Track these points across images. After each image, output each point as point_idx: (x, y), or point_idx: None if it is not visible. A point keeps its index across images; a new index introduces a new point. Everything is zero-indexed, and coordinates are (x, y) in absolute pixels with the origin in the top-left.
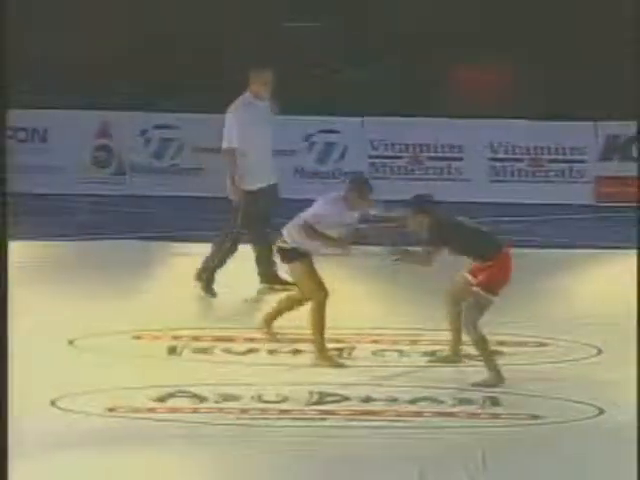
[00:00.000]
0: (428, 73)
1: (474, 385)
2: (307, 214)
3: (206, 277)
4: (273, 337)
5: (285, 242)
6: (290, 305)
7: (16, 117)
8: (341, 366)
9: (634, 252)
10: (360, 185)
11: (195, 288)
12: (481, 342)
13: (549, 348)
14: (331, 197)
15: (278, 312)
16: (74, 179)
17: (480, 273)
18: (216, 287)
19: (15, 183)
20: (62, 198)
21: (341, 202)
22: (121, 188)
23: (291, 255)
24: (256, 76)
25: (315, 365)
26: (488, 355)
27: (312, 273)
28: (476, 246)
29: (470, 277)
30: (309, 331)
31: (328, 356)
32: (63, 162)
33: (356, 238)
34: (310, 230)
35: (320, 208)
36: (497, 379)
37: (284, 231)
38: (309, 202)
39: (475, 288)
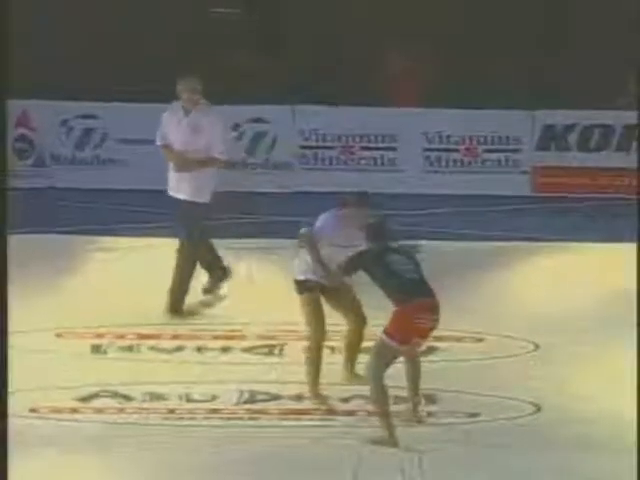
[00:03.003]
0: (361, 61)
1: (372, 442)
2: (307, 233)
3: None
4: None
5: (296, 274)
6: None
7: None
8: (332, 412)
9: (572, 244)
10: (357, 198)
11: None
12: (377, 394)
13: (485, 344)
14: (330, 213)
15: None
16: None
17: (391, 317)
18: (147, 282)
19: None
20: None
21: (338, 218)
22: (42, 180)
23: (300, 288)
24: (182, 85)
25: (244, 363)
26: (383, 413)
27: (315, 311)
28: (389, 285)
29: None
30: (306, 370)
31: (317, 394)
32: None
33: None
34: (310, 245)
35: (317, 226)
36: (391, 441)
37: (295, 262)
38: (236, 194)
39: (380, 333)
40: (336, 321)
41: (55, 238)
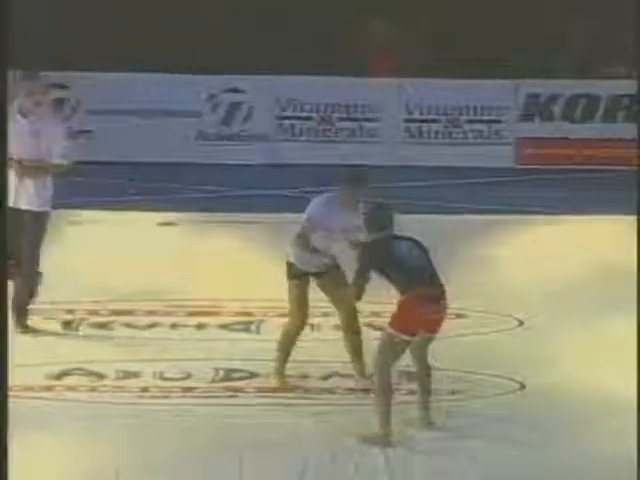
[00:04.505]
0: (341, 30)
1: (365, 440)
2: (303, 220)
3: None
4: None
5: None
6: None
7: None
8: (292, 391)
9: (557, 217)
10: (353, 176)
11: (90, 257)
12: (383, 391)
13: (468, 320)
14: (323, 197)
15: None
16: None
17: (396, 307)
18: (119, 257)
19: None
20: None
21: (333, 201)
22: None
23: (290, 272)
24: (22, 87)
25: (220, 340)
26: (384, 409)
27: (300, 298)
28: (393, 274)
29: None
30: (275, 349)
31: (281, 380)
32: None
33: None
34: (304, 241)
35: (312, 210)
36: (385, 440)
37: (290, 244)
38: (213, 167)
39: (386, 325)
40: (320, 298)
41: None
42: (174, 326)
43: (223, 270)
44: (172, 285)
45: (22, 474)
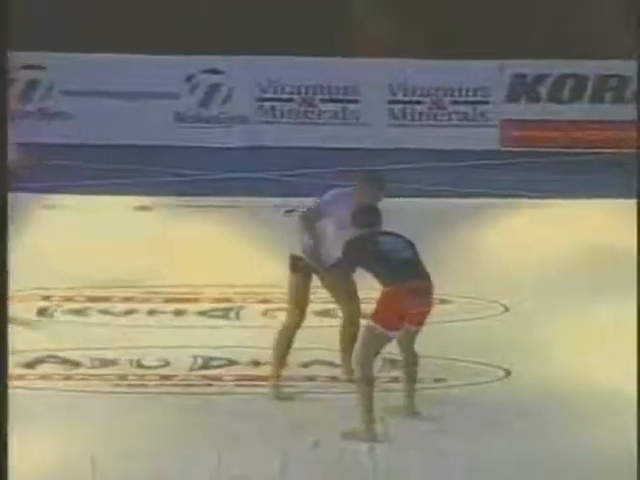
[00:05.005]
0: (323, 10)
1: (344, 435)
2: (313, 204)
3: None
4: None
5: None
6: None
7: None
8: (288, 399)
9: (544, 201)
10: (371, 179)
11: (65, 242)
12: (365, 383)
13: (452, 306)
14: (336, 192)
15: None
16: None
17: (378, 300)
18: (96, 242)
19: None
20: None
21: (347, 196)
22: None
23: (293, 264)
24: None
25: (199, 327)
26: (366, 401)
27: (301, 294)
28: (377, 267)
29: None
30: (272, 349)
31: (276, 383)
32: None
33: None
34: (309, 224)
35: (323, 203)
36: (368, 434)
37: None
38: (191, 150)
39: (367, 318)
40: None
41: None
42: (151, 313)
43: (201, 255)
44: (149, 271)
45: None
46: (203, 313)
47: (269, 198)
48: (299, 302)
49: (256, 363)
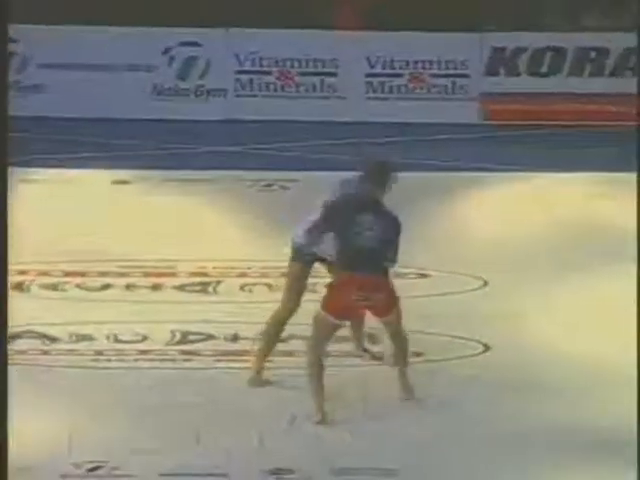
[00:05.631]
0: None
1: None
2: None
3: None
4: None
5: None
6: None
7: None
8: (267, 384)
9: (524, 174)
10: (377, 167)
11: (42, 216)
12: (313, 369)
13: (430, 280)
14: (341, 181)
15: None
16: None
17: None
18: (73, 217)
19: None
20: None
21: (352, 188)
22: None
23: (294, 254)
24: None
25: (176, 301)
26: (313, 389)
27: (299, 283)
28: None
29: None
30: (260, 336)
31: (258, 370)
32: None
33: None
34: (312, 229)
35: (334, 192)
36: (318, 417)
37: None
38: (168, 123)
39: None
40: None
41: None
42: (128, 287)
43: (179, 229)
44: (126, 245)
45: None
46: (181, 287)
47: (246, 171)
48: (297, 292)
49: (234, 338)
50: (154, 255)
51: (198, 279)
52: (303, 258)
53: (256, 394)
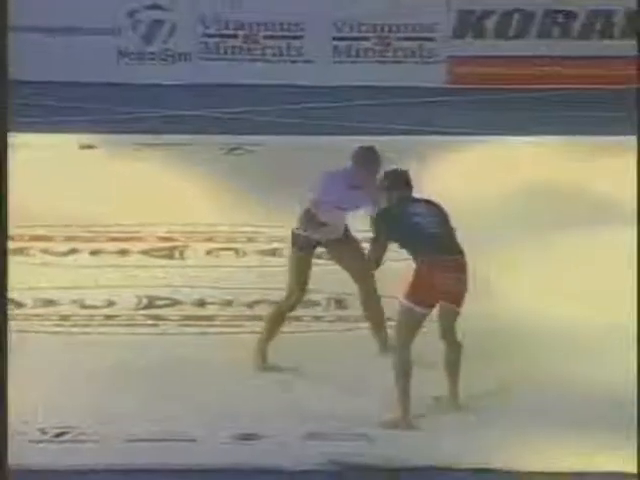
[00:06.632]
0: None
1: (384, 425)
2: (309, 197)
3: None
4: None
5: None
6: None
7: None
8: (268, 369)
9: (489, 137)
10: (365, 156)
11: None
12: (402, 369)
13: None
14: (332, 174)
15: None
16: None
17: (411, 276)
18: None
19: None
20: None
21: (343, 178)
22: None
23: (295, 242)
24: None
25: (143, 266)
26: (402, 390)
27: (302, 271)
28: (409, 241)
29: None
30: (264, 324)
31: (262, 359)
32: None
33: None
34: (310, 217)
35: (321, 187)
36: (404, 423)
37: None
38: (133, 87)
39: (401, 298)
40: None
41: None
42: (95, 252)
43: (145, 194)
44: (93, 210)
45: None
46: (147, 252)
47: (212, 135)
48: (300, 281)
49: (201, 303)
50: (120, 220)
51: (164, 244)
52: (305, 246)
53: (223, 359)
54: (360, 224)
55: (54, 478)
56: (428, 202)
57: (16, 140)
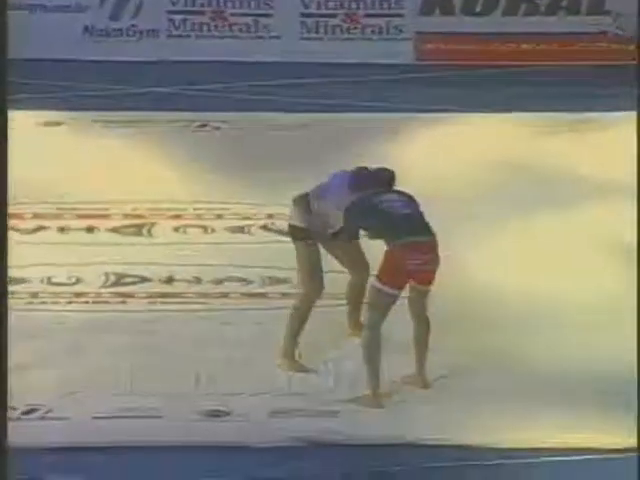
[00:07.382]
0: None
1: (353, 402)
2: (313, 188)
3: None
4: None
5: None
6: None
7: None
8: (305, 371)
9: (457, 115)
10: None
11: None
12: (372, 349)
13: None
14: (345, 179)
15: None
16: None
17: (382, 258)
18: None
19: None
20: None
21: (351, 188)
22: None
23: (294, 234)
24: None
25: (110, 243)
26: (372, 370)
27: (312, 261)
28: (379, 225)
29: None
30: (286, 325)
31: (292, 361)
32: None
33: None
34: (305, 203)
35: (329, 184)
36: (375, 402)
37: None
38: (100, 64)
39: (374, 280)
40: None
41: None
42: (62, 229)
43: (112, 171)
44: (60, 187)
45: None
46: (115, 230)
47: (180, 112)
48: (313, 272)
49: (169, 280)
50: (87, 197)
51: (132, 221)
52: (304, 239)
53: (192, 336)
54: None
55: (23, 455)
56: (399, 192)
57: None
